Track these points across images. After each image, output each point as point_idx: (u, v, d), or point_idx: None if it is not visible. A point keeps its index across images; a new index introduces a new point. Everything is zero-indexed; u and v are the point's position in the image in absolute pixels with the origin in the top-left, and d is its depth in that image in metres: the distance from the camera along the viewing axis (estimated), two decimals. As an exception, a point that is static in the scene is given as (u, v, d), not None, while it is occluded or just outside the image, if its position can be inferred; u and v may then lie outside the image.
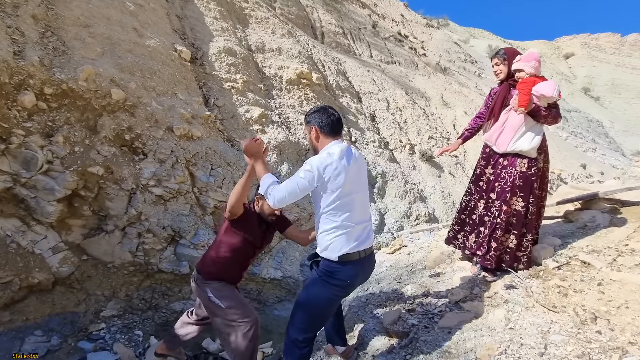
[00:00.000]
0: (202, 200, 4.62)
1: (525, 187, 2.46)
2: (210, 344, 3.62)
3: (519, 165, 2.49)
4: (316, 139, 1.85)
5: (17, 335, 2.92)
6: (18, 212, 3.35)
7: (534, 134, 2.46)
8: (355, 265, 1.82)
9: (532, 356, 1.72)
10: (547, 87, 2.36)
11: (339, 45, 12.77)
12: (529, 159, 2.47)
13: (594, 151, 16.98)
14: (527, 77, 2.45)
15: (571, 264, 2.48)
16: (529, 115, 2.44)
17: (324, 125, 1.82)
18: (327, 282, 1.83)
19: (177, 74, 5.24)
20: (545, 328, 1.89)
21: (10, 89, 3.36)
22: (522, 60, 2.51)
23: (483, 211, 2.62)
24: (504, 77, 2.68)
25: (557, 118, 2.46)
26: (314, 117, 1.85)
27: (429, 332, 2.24)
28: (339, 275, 1.81)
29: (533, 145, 2.45)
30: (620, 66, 43.78)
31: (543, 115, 2.41)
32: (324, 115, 1.83)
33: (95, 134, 3.89)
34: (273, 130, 6.31)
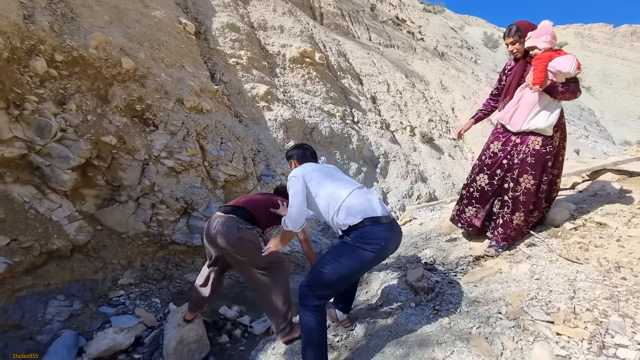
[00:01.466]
0: (212, 174, 4.61)
1: (537, 165, 2.38)
2: (228, 311, 3.67)
3: (532, 143, 2.40)
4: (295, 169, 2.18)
5: (41, 299, 2.92)
6: (33, 179, 3.30)
7: (550, 111, 2.36)
8: (385, 228, 1.84)
9: (563, 300, 1.82)
10: (564, 62, 2.24)
11: (337, 27, 12.61)
12: (544, 136, 2.38)
13: (586, 138, 17.34)
14: (542, 53, 2.34)
15: (587, 225, 2.58)
16: (545, 92, 2.34)
17: (299, 158, 2.33)
18: (361, 247, 1.81)
19: (184, 46, 5.15)
20: (571, 277, 1.98)
21: (21, 54, 3.27)
22: (533, 37, 2.37)
23: (487, 187, 2.58)
24: (521, 56, 2.53)
25: (575, 93, 2.34)
26: (290, 154, 2.39)
27: (454, 286, 2.33)
28: (372, 236, 1.81)
29: (549, 123, 2.35)
30: (611, 57, 44.29)
31: (560, 92, 2.29)
32: (299, 150, 2.37)
33: (107, 104, 3.83)
34: (279, 107, 6.28)
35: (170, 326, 2.92)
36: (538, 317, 1.75)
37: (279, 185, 4.09)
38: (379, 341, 2.08)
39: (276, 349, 2.52)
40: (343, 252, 1.85)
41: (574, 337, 1.58)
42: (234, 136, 4.99)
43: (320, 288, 1.85)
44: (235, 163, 4.77)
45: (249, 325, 3.55)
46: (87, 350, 2.69)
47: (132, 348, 2.91)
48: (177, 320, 2.94)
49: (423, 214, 4.97)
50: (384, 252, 1.89)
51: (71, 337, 2.70)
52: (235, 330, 3.44)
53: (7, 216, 2.90)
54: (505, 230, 2.50)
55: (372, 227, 1.81)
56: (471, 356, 1.69)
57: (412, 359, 1.81)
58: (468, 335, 1.82)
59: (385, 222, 1.85)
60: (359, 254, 1.81)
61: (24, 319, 2.77)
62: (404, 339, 1.99)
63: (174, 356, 2.80)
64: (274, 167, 5.38)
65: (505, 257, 2.42)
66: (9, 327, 2.67)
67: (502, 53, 29.12)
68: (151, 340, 2.98)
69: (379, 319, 2.32)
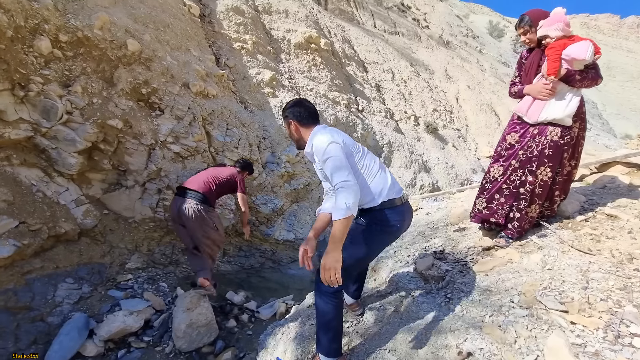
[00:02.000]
0: (218, 160, 4.58)
1: (555, 157, 2.33)
2: (234, 296, 3.71)
3: (550, 134, 2.33)
4: (296, 131, 1.88)
5: (50, 282, 2.93)
6: (40, 162, 3.27)
7: (568, 100, 2.29)
8: (400, 209, 1.85)
9: (576, 290, 1.83)
10: (578, 49, 2.17)
11: (342, 12, 12.37)
12: (562, 127, 2.31)
13: (588, 131, 17.26)
14: (555, 41, 2.27)
15: (597, 217, 2.59)
16: (561, 81, 2.28)
17: (302, 118, 1.85)
18: (377, 230, 1.81)
19: (189, 29, 5.04)
20: (584, 267, 1.99)
21: (25, 33, 3.19)
22: (545, 25, 2.29)
23: (500, 178, 2.52)
24: (535, 45, 2.47)
25: (596, 80, 2.26)
26: (292, 111, 1.88)
27: (465, 275, 2.34)
28: (390, 219, 1.80)
29: (567, 112, 2.27)
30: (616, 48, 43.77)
31: (578, 80, 2.23)
32: (300, 108, 1.87)
33: (112, 87, 3.77)
34: (284, 94, 6.20)
35: (180, 310, 2.95)
36: (552, 306, 1.76)
37: (242, 159, 4.18)
38: (390, 327, 2.10)
39: (285, 334, 2.55)
40: (358, 235, 1.82)
41: (589, 326, 1.59)
42: (239, 122, 4.94)
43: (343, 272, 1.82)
44: (241, 149, 4.74)
45: (256, 311, 3.59)
46: (97, 333, 2.71)
47: (142, 331, 2.94)
48: (187, 304, 2.97)
49: (428, 204, 4.97)
50: (398, 233, 1.91)
51: (82, 319, 2.73)
52: (242, 315, 3.48)
53: (15, 199, 2.88)
54: (520, 224, 2.46)
55: (388, 210, 1.79)
56: (485, 343, 1.71)
57: (425, 345, 1.83)
58: (481, 323, 1.84)
59: (400, 204, 1.83)
60: (374, 236, 1.81)
61: (34, 301, 2.78)
62: (415, 326, 2.01)
63: (184, 339, 2.83)
64: (279, 154, 5.35)
65: (516, 248, 2.43)
66: (19, 309, 2.69)
67: (507, 43, 28.72)
68: (160, 324, 3.01)
69: (388, 306, 2.34)
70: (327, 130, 1.78)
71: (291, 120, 1.87)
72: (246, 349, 3.01)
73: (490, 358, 1.62)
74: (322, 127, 1.84)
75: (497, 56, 21.80)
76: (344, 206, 1.51)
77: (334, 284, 1.56)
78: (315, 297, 1.87)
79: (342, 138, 1.75)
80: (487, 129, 11.18)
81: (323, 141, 1.67)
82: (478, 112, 11.66)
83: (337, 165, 1.60)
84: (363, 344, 2.05)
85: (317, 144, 1.69)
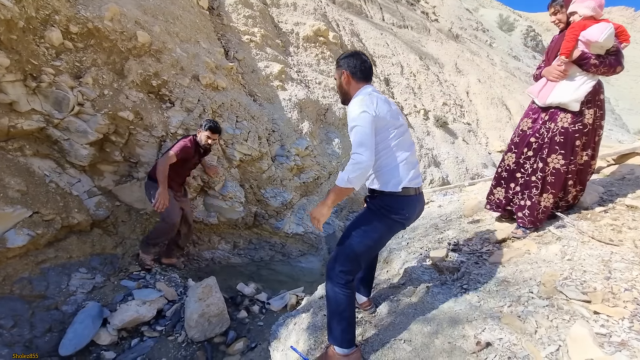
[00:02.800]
0: (228, 153, 4.57)
1: (566, 144, 2.27)
2: (245, 288, 3.72)
3: (561, 120, 2.28)
4: (347, 84, 1.83)
5: (64, 271, 2.96)
6: (52, 153, 3.30)
7: (578, 84, 2.22)
8: (413, 199, 1.80)
9: (598, 280, 1.78)
10: (593, 31, 2.08)
11: (350, 5, 12.23)
12: (573, 113, 2.25)
13: (601, 125, 16.89)
14: (578, 21, 2.18)
15: (617, 208, 2.52)
16: (575, 64, 2.20)
17: (356, 71, 1.80)
18: (386, 216, 1.78)
19: (198, 21, 5.02)
20: (605, 258, 1.93)
21: (37, 24, 3.20)
22: (577, 1, 2.22)
23: (513, 166, 2.49)
24: (564, 27, 2.39)
25: (614, 67, 2.15)
26: (347, 61, 1.82)
27: (480, 267, 2.30)
28: (400, 207, 1.78)
29: (575, 97, 2.21)
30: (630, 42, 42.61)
31: (592, 64, 2.13)
32: (357, 60, 1.81)
33: (123, 78, 3.77)
34: (293, 87, 6.16)
35: (192, 300, 2.96)
36: (574, 296, 1.71)
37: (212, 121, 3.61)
38: (405, 318, 2.07)
39: (297, 324, 2.53)
40: (367, 221, 1.81)
41: (613, 315, 1.54)
42: (249, 115, 4.92)
43: (348, 262, 1.79)
44: (250, 142, 4.72)
45: (267, 302, 3.59)
46: (111, 321, 2.73)
47: (154, 320, 2.96)
48: (199, 295, 2.97)
49: (439, 197, 4.91)
50: (407, 223, 1.86)
51: (95, 308, 2.75)
52: (253, 307, 3.48)
53: (29, 189, 2.90)
54: (532, 212, 2.41)
55: (401, 197, 1.76)
56: (504, 333, 1.67)
57: (442, 336, 1.80)
58: (499, 313, 1.80)
59: (413, 194, 1.79)
60: (384, 222, 1.78)
61: (49, 289, 2.81)
62: (431, 316, 1.97)
63: (196, 329, 2.84)
64: (289, 147, 5.32)
65: (533, 239, 2.38)
66: (34, 298, 2.72)
67: (518, 37, 28.19)
68: (173, 313, 3.02)
69: (402, 297, 2.31)
70: (369, 96, 1.70)
71: (344, 71, 1.81)
72: (258, 340, 3.01)
73: (510, 348, 1.58)
74: (368, 90, 1.76)
75: (507, 50, 21.42)
76: (346, 178, 1.59)
77: (319, 229, 1.75)
78: (326, 287, 1.85)
79: (381, 110, 1.67)
80: (498, 123, 11.00)
81: (356, 107, 1.65)
82: (489, 106, 11.48)
83: (360, 138, 1.59)
84: (377, 335, 2.03)
85: (351, 109, 1.68)
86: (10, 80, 2.92)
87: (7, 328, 2.41)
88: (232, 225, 4.63)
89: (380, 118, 1.66)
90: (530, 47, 27.90)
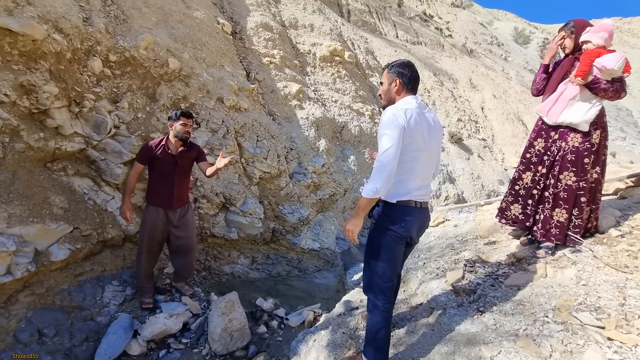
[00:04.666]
0: (248, 171, 4.78)
1: (577, 162, 2.41)
2: (264, 303, 3.84)
3: (572, 139, 2.43)
4: (397, 91, 1.88)
5: (99, 283, 3.17)
6: (90, 172, 3.55)
7: (588, 106, 2.38)
8: (412, 211, 1.83)
9: (613, 306, 1.83)
10: (609, 59, 2.25)
11: (365, 24, 12.56)
12: (582, 133, 2.41)
13: (623, 140, 16.51)
14: (593, 49, 2.37)
15: (634, 233, 2.54)
16: (587, 87, 2.36)
17: (409, 82, 1.86)
18: (387, 228, 1.83)
19: (223, 46, 5.33)
20: (620, 284, 1.98)
21: (81, 55, 3.51)
22: (591, 31, 2.42)
23: (530, 184, 2.61)
24: (569, 51, 2.56)
25: (619, 93, 2.33)
26: (401, 70, 1.87)
27: (497, 289, 2.36)
28: (398, 218, 1.81)
29: (586, 118, 2.38)
30: None
31: (602, 89, 2.30)
32: (410, 71, 1.87)
33: (155, 102, 4.05)
34: (310, 106, 6.38)
35: (215, 314, 3.10)
36: (588, 321, 1.77)
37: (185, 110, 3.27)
38: (422, 338, 2.16)
39: (317, 341, 2.64)
40: (373, 239, 1.90)
41: (627, 342, 1.60)
42: (268, 134, 5.13)
43: (378, 284, 1.88)
44: (269, 160, 4.92)
45: (285, 317, 3.70)
46: (141, 333, 2.90)
47: (180, 333, 3.11)
48: (222, 309, 3.11)
49: (454, 215, 4.96)
50: (409, 235, 1.86)
51: (127, 320, 2.92)
52: (272, 322, 3.60)
53: (70, 206, 3.14)
54: (544, 226, 2.52)
55: (399, 207, 1.81)
56: (519, 357, 1.74)
57: (459, 357, 1.87)
58: (515, 336, 1.87)
59: (413, 207, 1.83)
60: (386, 239, 1.84)
61: (85, 301, 3.01)
62: (448, 337, 2.05)
63: (219, 342, 2.98)
64: (306, 165, 5.50)
65: (549, 262, 2.43)
66: (73, 308, 2.92)
67: (534, 49, 28.03)
68: (197, 327, 3.17)
69: (419, 317, 2.39)
70: (405, 108, 1.74)
71: (397, 78, 1.86)
72: (277, 355, 3.11)
73: (525, 371, 1.65)
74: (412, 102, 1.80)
75: (523, 63, 21.32)
76: (374, 189, 1.66)
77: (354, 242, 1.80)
78: (367, 310, 1.97)
79: (412, 124, 1.71)
80: (514, 138, 10.95)
81: (389, 117, 1.71)
82: (504, 121, 11.45)
83: (386, 145, 1.67)
84: (395, 355, 2.11)
85: (384, 116, 1.74)
86: (57, 107, 3.21)
87: (50, 337, 2.61)
88: (251, 240, 4.79)
89: (408, 132, 1.70)
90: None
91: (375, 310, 1.89)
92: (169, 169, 3.17)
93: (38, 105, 3.02)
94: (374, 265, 1.89)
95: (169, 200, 3.21)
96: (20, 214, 2.71)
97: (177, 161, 3.19)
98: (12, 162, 2.85)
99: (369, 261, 1.93)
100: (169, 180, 3.20)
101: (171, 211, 3.25)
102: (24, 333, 2.55)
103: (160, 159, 3.12)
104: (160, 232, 3.24)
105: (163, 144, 3.16)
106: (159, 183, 3.20)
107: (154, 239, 3.22)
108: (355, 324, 2.58)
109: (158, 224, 3.20)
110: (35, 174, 3.03)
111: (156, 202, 3.21)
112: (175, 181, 3.22)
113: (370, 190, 1.68)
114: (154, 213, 3.19)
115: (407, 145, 1.73)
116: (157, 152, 3.12)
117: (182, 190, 3.32)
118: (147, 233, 3.18)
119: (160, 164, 3.14)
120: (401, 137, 1.68)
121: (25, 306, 2.71)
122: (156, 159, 3.13)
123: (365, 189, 1.70)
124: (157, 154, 3.12)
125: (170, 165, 3.17)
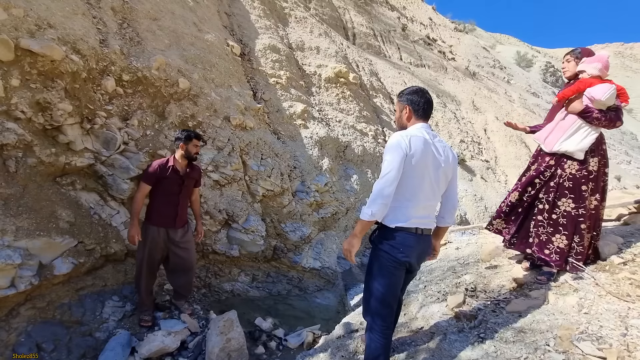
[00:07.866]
0: (252, 188, 4.83)
1: (575, 189, 2.45)
2: (263, 323, 3.81)
3: (569, 167, 2.49)
4: (407, 119, 1.92)
5: (99, 298, 3.17)
6: (97, 187, 3.62)
7: (584, 135, 2.44)
8: (411, 237, 1.82)
9: (615, 336, 1.81)
10: (597, 90, 2.33)
11: (369, 46, 12.89)
12: (579, 160, 2.46)
13: (628, 164, 16.46)
14: (586, 78, 2.45)
15: (637, 261, 2.53)
16: (580, 117, 2.43)
17: (419, 109, 1.90)
18: (383, 250, 1.83)
19: (231, 67, 5.50)
20: (622, 313, 1.97)
21: (95, 74, 3.65)
22: (586, 62, 2.51)
23: (516, 202, 2.70)
24: (570, 75, 2.67)
25: (613, 122, 2.39)
26: (411, 98, 1.91)
27: (498, 315, 2.34)
28: (394, 241, 1.80)
29: (580, 147, 2.43)
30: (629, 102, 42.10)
31: (595, 118, 2.37)
32: (420, 98, 1.90)
33: (163, 120, 4.16)
34: (314, 125, 6.50)
35: (213, 333, 3.08)
36: (589, 351, 1.75)
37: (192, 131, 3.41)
38: (422, 364, 2.13)
39: (316, 364, 2.61)
40: (373, 263, 1.92)
41: (629, 375, 1.58)
42: (273, 152, 5.22)
43: (376, 308, 1.88)
44: (273, 178, 4.98)
45: (284, 338, 3.66)
46: (139, 350, 2.88)
47: (177, 352, 3.08)
48: (220, 328, 3.09)
49: (457, 238, 4.94)
50: (408, 260, 1.84)
51: (126, 337, 2.91)
52: (271, 342, 3.56)
53: (76, 220, 3.20)
54: (541, 250, 2.53)
55: (397, 232, 1.81)
56: (520, 386, 1.71)
57: (459, 385, 1.85)
58: (516, 365, 1.85)
59: (413, 232, 1.82)
60: (384, 264, 1.84)
61: (85, 316, 3.01)
62: (448, 364, 2.03)
63: (217, 362, 2.94)
64: (309, 183, 5.55)
65: (551, 289, 2.42)
66: (72, 323, 2.92)
67: (536, 73, 28.44)
68: (195, 345, 3.14)
69: (420, 343, 2.37)
70: (411, 136, 1.76)
71: (407, 105, 1.90)
72: (275, 377, 3.07)
73: (526, 402, 1.62)
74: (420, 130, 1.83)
75: (525, 87, 21.61)
76: (370, 213, 1.72)
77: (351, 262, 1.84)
78: (366, 334, 1.97)
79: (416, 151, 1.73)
80: (517, 160, 10.97)
81: (393, 142, 1.76)
82: (507, 143, 11.52)
83: (386, 170, 1.72)
84: (395, 379, 2.09)
85: (389, 141, 1.80)
86: (70, 123, 3.31)
87: (48, 351, 2.60)
88: (252, 258, 4.79)
89: (410, 159, 1.72)
90: (549, 82, 28.02)
91: (373, 335, 1.88)
92: (175, 189, 3.22)
93: (52, 122, 3.13)
94: (373, 289, 1.90)
95: (172, 219, 3.25)
96: (28, 227, 2.76)
97: (184, 181, 3.26)
98: (24, 177, 2.93)
99: (368, 285, 1.95)
100: (174, 200, 3.25)
101: (172, 230, 3.28)
102: (22, 347, 2.56)
103: (168, 179, 3.17)
104: (160, 250, 3.25)
105: (171, 165, 3.21)
106: (163, 202, 3.22)
107: (154, 258, 3.24)
108: (354, 347, 2.56)
109: (159, 243, 3.22)
110: (45, 188, 3.11)
111: (158, 221, 3.23)
112: (180, 201, 3.28)
113: (366, 213, 1.73)
114: (154, 232, 3.20)
115: (408, 171, 1.75)
116: (164, 172, 3.17)
117: (184, 210, 3.40)
118: (147, 252, 3.19)
119: (168, 184, 3.18)
120: (402, 163, 1.72)
121: (26, 320, 2.72)
122: (164, 179, 3.17)
123: (362, 212, 1.75)
124: (166, 175, 3.17)
125: (177, 185, 3.22)
